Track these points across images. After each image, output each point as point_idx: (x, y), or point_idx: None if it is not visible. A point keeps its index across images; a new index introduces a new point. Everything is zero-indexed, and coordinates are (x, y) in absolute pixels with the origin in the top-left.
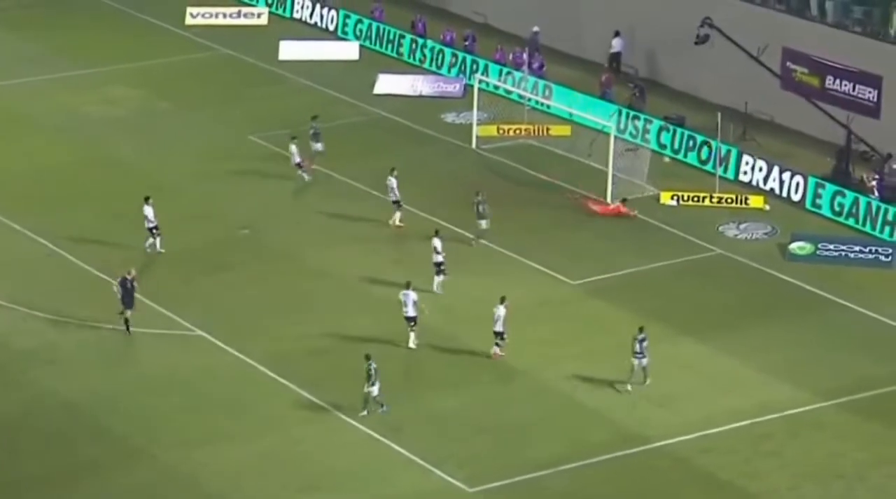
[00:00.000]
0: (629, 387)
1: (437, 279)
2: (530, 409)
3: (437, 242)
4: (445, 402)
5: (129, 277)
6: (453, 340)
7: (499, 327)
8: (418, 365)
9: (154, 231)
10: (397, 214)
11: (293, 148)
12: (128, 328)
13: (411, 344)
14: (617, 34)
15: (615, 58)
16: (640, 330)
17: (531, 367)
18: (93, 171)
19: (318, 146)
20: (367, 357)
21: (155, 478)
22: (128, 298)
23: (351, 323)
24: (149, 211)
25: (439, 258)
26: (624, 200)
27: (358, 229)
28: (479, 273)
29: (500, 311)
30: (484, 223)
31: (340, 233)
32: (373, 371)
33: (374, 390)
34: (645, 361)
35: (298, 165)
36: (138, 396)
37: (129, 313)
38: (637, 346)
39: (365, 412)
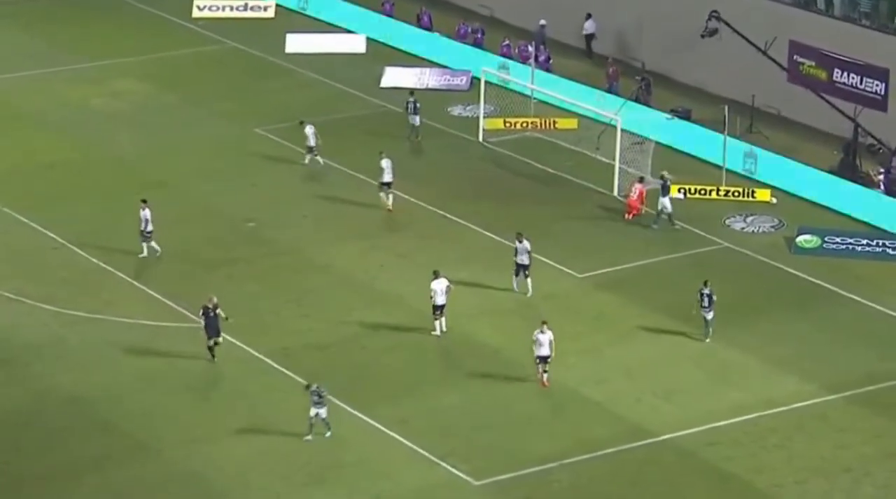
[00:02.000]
0: (708, 339)
1: (523, 280)
2: (535, 402)
3: (525, 244)
4: (451, 395)
5: (210, 306)
6: (457, 333)
7: (545, 352)
8: (423, 359)
9: (147, 235)
10: (387, 196)
11: (309, 130)
12: (212, 355)
13: (437, 332)
14: (589, 16)
15: (588, 40)
16: (705, 284)
17: None
18: (98, 164)
19: (416, 120)
20: (308, 386)
21: (160, 473)
22: (212, 327)
23: (356, 316)
24: (147, 214)
25: (524, 260)
26: (641, 179)
27: (364, 223)
28: (484, 266)
29: (545, 336)
30: (668, 203)
31: (346, 226)
32: (317, 396)
33: (323, 412)
34: (710, 315)
35: (311, 149)
36: (143, 390)
37: (220, 340)
38: (705, 300)
39: (310, 436)
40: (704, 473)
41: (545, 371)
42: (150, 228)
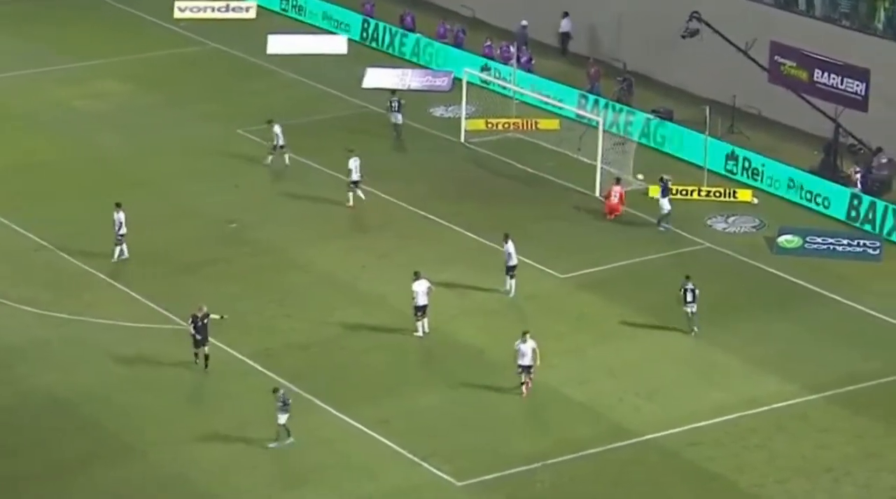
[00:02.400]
0: (696, 329)
1: (509, 280)
2: (518, 403)
3: (510, 246)
4: (433, 395)
5: (199, 315)
6: (439, 333)
7: (527, 361)
8: (405, 359)
9: (120, 237)
10: (351, 194)
11: (277, 129)
12: (206, 364)
13: (419, 333)
14: (566, 15)
15: (563, 38)
16: (688, 279)
17: None
18: (80, 165)
19: (398, 118)
20: (276, 390)
21: (145, 474)
22: (200, 336)
23: (338, 317)
24: (121, 217)
25: (513, 261)
26: (618, 180)
27: (345, 223)
28: (466, 267)
29: (527, 345)
30: (666, 204)
31: (328, 226)
32: (282, 402)
33: (283, 418)
34: (694, 307)
35: (282, 147)
36: (127, 391)
37: (207, 351)
38: (689, 295)
39: (291, 439)
40: (687, 473)
41: (529, 379)
42: (122, 230)
